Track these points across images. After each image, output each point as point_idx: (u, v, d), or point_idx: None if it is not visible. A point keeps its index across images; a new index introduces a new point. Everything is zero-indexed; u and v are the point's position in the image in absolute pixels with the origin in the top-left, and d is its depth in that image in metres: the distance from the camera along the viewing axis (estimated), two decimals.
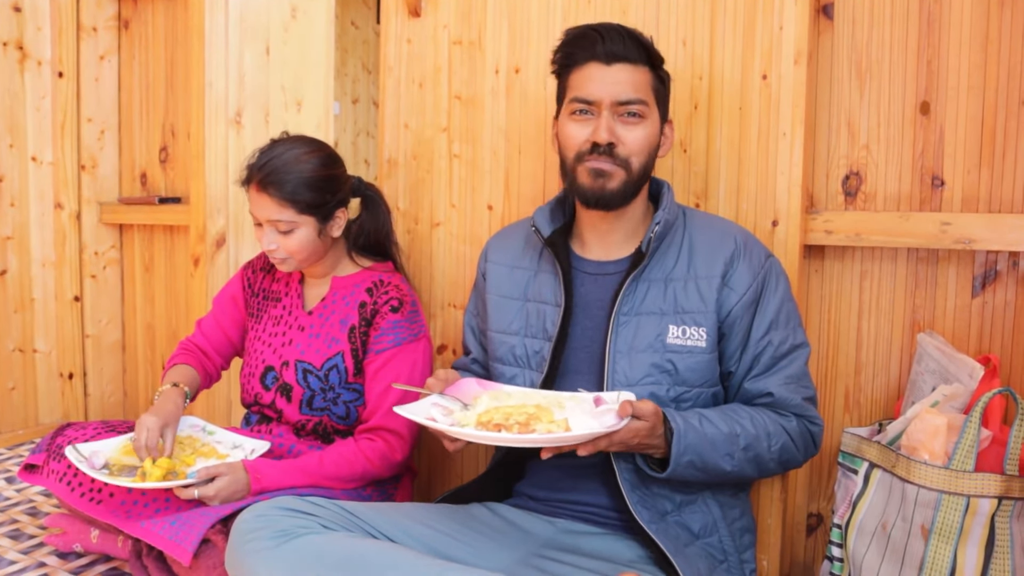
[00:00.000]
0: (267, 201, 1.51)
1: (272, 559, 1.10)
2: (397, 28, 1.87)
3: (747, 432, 1.21)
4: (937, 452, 1.20)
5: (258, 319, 1.73)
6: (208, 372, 1.75)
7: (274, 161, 1.52)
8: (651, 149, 1.30)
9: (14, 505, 2.04)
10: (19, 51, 2.52)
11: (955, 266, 1.46)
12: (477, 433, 1.11)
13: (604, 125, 1.26)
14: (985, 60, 1.41)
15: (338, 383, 1.60)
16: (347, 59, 5.15)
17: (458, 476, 1.88)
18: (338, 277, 1.65)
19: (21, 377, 2.60)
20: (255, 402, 1.68)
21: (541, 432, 1.09)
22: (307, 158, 1.54)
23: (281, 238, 1.54)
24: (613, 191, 1.28)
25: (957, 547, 1.16)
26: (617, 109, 1.27)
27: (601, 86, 1.27)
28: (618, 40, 1.27)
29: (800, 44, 1.45)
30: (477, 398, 1.25)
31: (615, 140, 1.26)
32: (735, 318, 1.27)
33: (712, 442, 1.18)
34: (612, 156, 1.27)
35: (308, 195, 1.52)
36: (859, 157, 1.52)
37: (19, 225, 2.56)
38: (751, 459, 1.22)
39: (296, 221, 1.52)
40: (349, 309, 1.61)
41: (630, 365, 1.26)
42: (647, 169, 1.31)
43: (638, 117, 1.27)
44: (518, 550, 1.24)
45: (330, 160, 1.59)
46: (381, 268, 1.67)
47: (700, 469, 1.19)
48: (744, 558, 1.32)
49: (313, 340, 1.62)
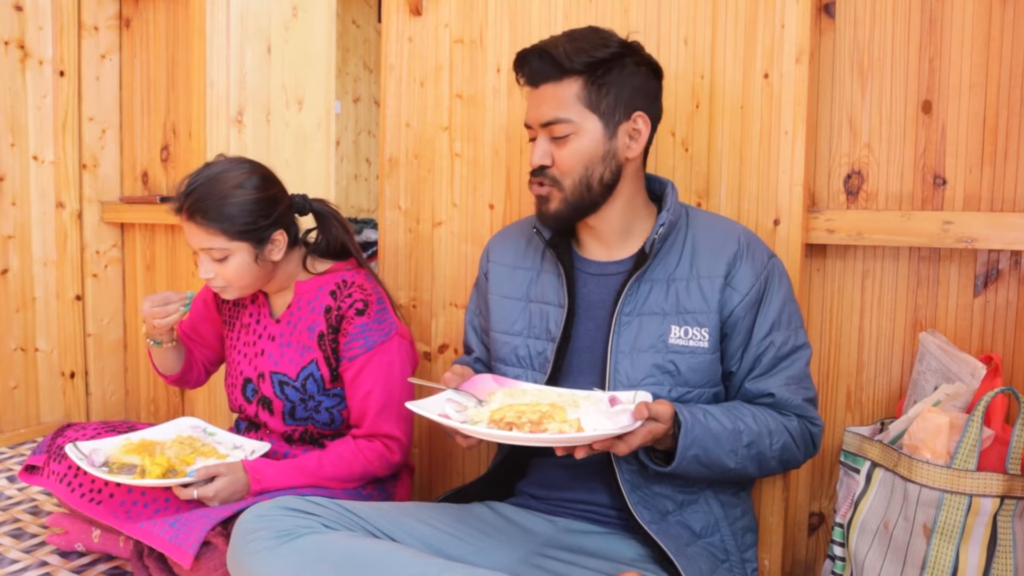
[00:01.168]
0: (195, 229, 1.47)
1: (274, 559, 1.10)
2: (398, 27, 1.87)
3: (750, 429, 1.21)
4: (939, 451, 1.20)
5: (231, 327, 1.71)
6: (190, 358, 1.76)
7: (201, 187, 1.46)
8: (589, 161, 1.26)
9: (16, 504, 2.04)
10: (20, 50, 2.52)
11: (957, 265, 1.46)
12: (488, 431, 1.09)
13: (537, 149, 1.28)
14: (987, 59, 1.40)
15: (317, 391, 1.58)
16: (348, 58, 5.15)
17: (459, 474, 1.88)
18: (301, 282, 1.62)
19: (23, 376, 2.60)
20: (241, 411, 1.68)
21: (553, 432, 1.08)
22: (237, 181, 1.48)
23: (217, 266, 1.50)
24: (555, 212, 1.29)
25: (959, 546, 1.16)
26: (545, 131, 1.27)
27: (531, 109, 1.30)
28: (535, 60, 1.27)
29: (802, 43, 1.45)
30: (491, 394, 1.24)
31: (547, 162, 1.27)
32: (737, 318, 1.27)
33: (716, 437, 1.18)
34: (545, 177, 1.28)
35: (239, 220, 1.46)
36: (861, 156, 1.51)
37: (20, 224, 2.56)
38: (754, 456, 1.22)
39: (228, 248, 1.48)
40: (316, 315, 1.57)
41: (632, 365, 1.26)
42: (590, 181, 1.27)
43: (566, 137, 1.26)
44: (519, 549, 1.24)
45: (263, 181, 1.52)
46: (343, 267, 1.63)
47: (704, 464, 1.19)
48: (746, 557, 1.32)
49: (285, 350, 1.60)
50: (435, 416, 1.15)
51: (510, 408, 1.16)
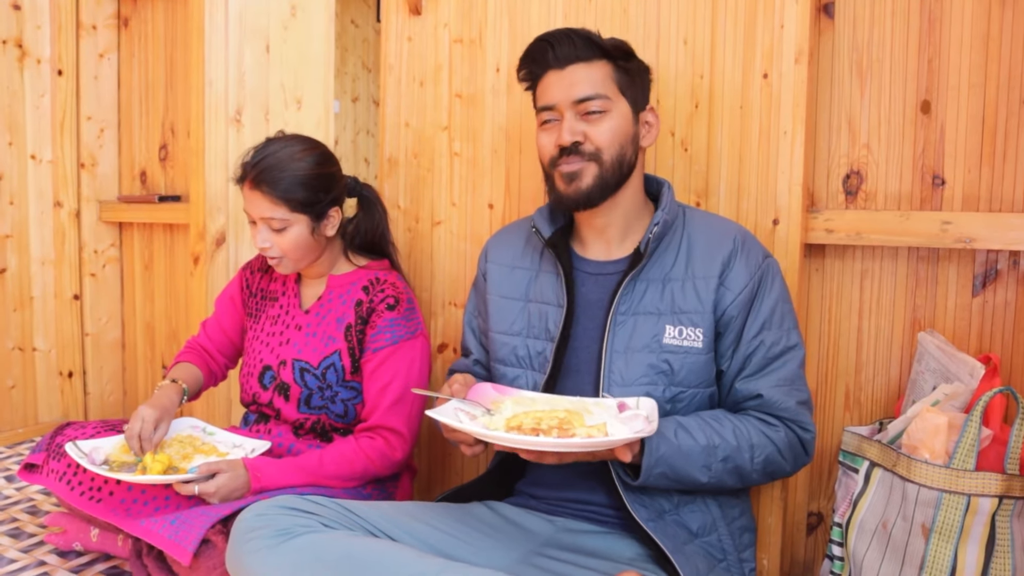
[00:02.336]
0: (260, 198, 1.51)
1: (273, 558, 1.10)
2: (398, 26, 1.87)
3: (727, 443, 1.20)
4: (938, 451, 1.20)
5: (256, 319, 1.73)
6: (212, 371, 1.76)
7: (268, 159, 1.52)
8: (623, 140, 1.29)
9: (14, 504, 2.04)
10: (18, 49, 2.51)
11: (956, 265, 1.46)
12: (518, 437, 1.08)
13: (566, 127, 1.28)
14: (986, 59, 1.41)
15: (335, 381, 1.60)
16: (347, 57, 5.15)
17: (458, 475, 1.88)
18: (334, 276, 1.65)
19: (20, 375, 2.60)
20: (253, 401, 1.68)
21: (581, 436, 1.09)
22: (301, 156, 1.54)
23: (275, 236, 1.54)
24: (588, 188, 1.28)
25: (958, 546, 1.16)
26: (577, 108, 1.28)
27: (558, 90, 1.29)
28: (566, 42, 1.28)
29: (801, 43, 1.45)
30: (497, 403, 1.23)
31: (580, 138, 1.27)
32: (730, 317, 1.27)
33: (687, 455, 1.18)
34: (579, 153, 1.28)
35: (301, 193, 1.52)
36: (860, 156, 1.52)
37: (18, 223, 2.56)
38: (731, 470, 1.22)
39: (289, 219, 1.52)
40: (345, 308, 1.61)
41: (626, 365, 1.26)
42: (623, 159, 1.29)
43: (600, 112, 1.27)
44: (518, 549, 1.24)
45: (324, 159, 1.58)
46: (377, 266, 1.66)
47: (673, 480, 1.19)
48: (743, 557, 1.32)
49: (310, 339, 1.62)
50: (457, 423, 1.13)
51: (526, 415, 1.15)
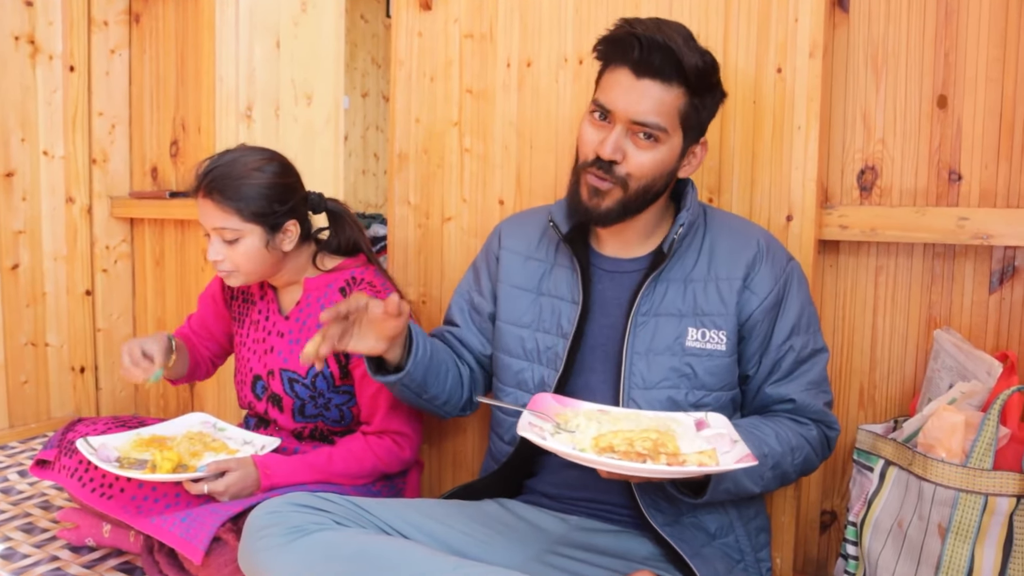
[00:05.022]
0: (212, 208, 1.48)
1: (285, 555, 1.10)
2: (408, 21, 1.86)
3: (774, 451, 1.19)
4: (954, 450, 1.19)
5: (241, 323, 1.72)
6: (197, 360, 1.75)
7: (221, 168, 1.48)
8: (659, 172, 1.22)
9: (27, 499, 2.05)
10: (30, 45, 2.52)
11: (972, 262, 1.44)
12: (634, 465, 1.02)
13: (612, 140, 1.20)
14: (1004, 53, 1.39)
15: (327, 388, 1.58)
16: (357, 53, 5.15)
17: (468, 471, 1.88)
18: (310, 279, 1.61)
19: (33, 371, 2.61)
20: (250, 408, 1.68)
21: (692, 465, 1.03)
22: (256, 165, 1.50)
23: (227, 248, 1.50)
24: (607, 209, 1.23)
25: (975, 546, 1.15)
26: (632, 127, 1.19)
27: (623, 99, 1.19)
28: (655, 54, 1.16)
29: (815, 37, 1.43)
30: (562, 415, 1.18)
31: (618, 157, 1.20)
32: (755, 322, 1.26)
33: (748, 468, 1.15)
34: (611, 173, 1.21)
35: (254, 202, 1.47)
36: (875, 151, 1.50)
37: (31, 219, 2.57)
38: (778, 476, 1.21)
39: (242, 230, 1.48)
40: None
41: (648, 367, 1.25)
42: (652, 190, 1.24)
43: (652, 140, 1.20)
44: (531, 547, 1.24)
45: (281, 169, 1.54)
46: (353, 264, 1.63)
47: (734, 494, 1.19)
48: (760, 557, 1.31)
49: (295, 347, 1.60)
50: (553, 445, 1.07)
51: (615, 435, 1.11)
